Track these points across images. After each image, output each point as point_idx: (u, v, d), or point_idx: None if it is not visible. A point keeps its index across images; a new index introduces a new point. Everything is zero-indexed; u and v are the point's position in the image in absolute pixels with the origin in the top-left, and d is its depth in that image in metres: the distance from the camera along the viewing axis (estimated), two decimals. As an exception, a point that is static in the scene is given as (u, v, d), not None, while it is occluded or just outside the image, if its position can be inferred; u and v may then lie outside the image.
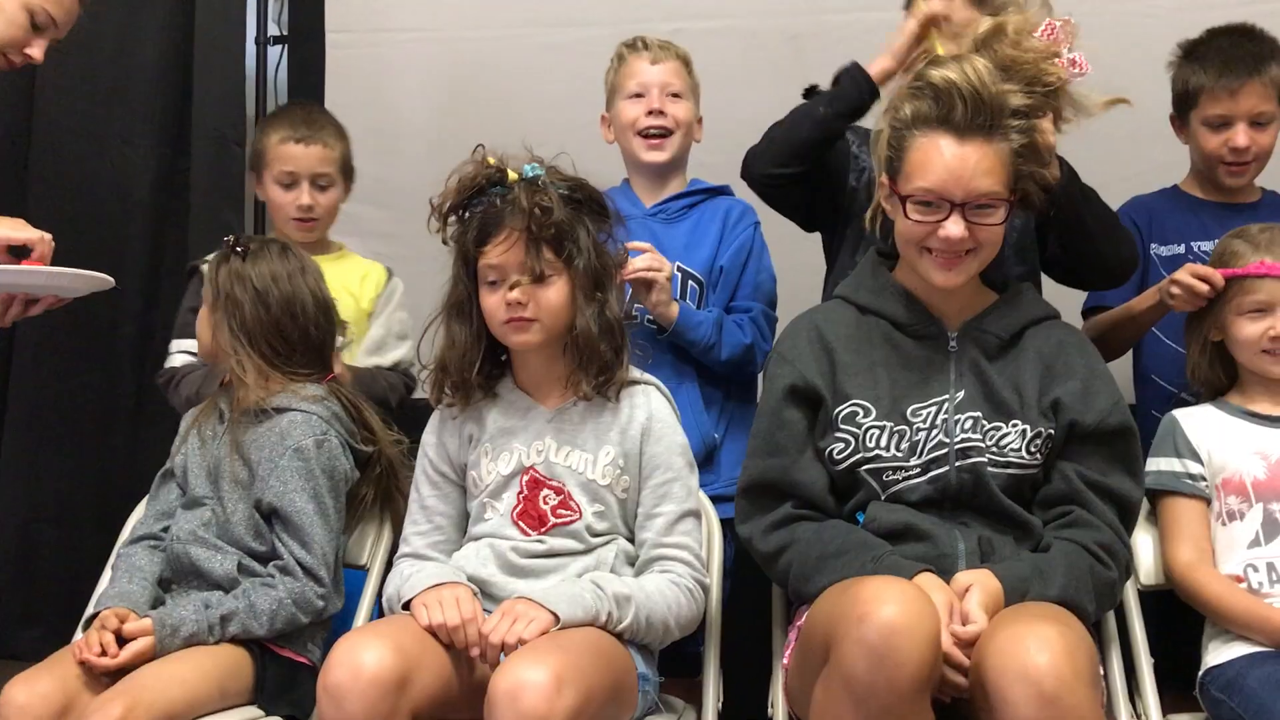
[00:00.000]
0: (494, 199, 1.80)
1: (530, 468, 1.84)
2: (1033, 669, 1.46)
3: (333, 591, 1.93)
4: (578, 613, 1.68)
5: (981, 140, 1.71)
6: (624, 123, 2.32)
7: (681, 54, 2.36)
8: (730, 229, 2.31)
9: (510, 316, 1.79)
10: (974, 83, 1.69)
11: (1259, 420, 1.94)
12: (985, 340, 1.81)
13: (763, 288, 2.33)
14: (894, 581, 1.53)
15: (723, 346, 2.21)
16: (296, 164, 2.41)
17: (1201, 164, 2.32)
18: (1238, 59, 2.23)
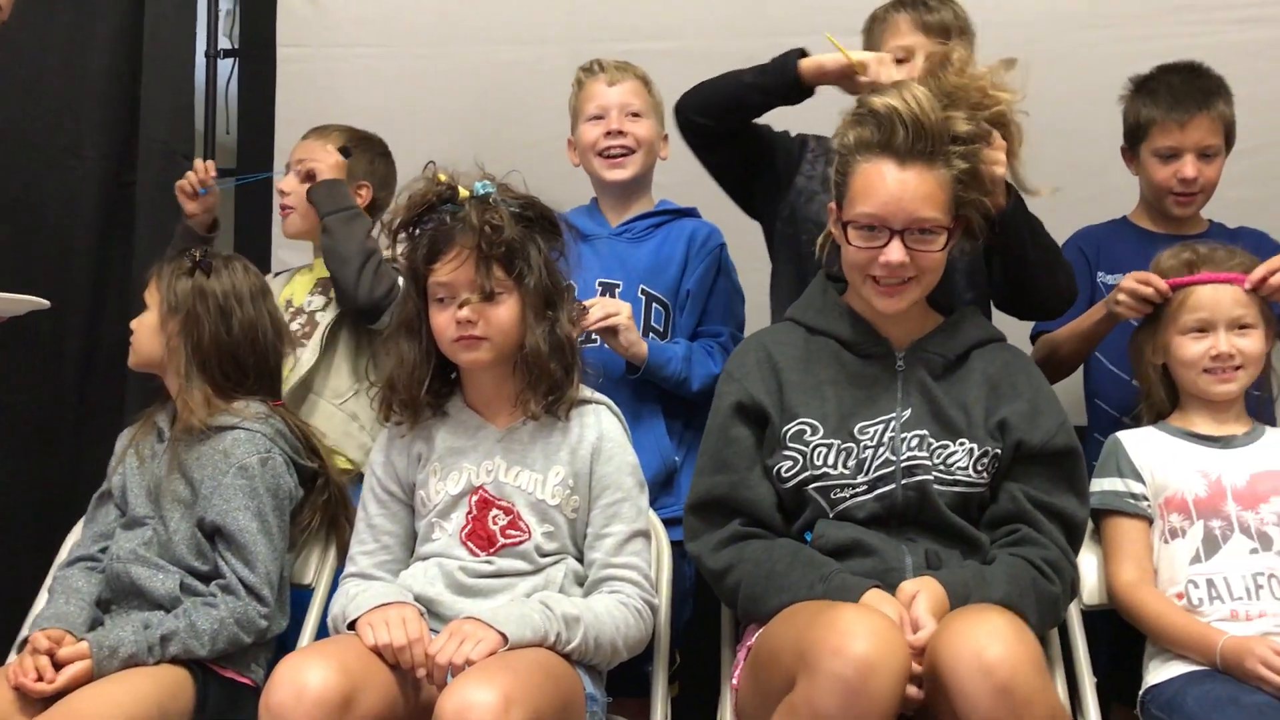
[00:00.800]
0: (444, 216, 1.79)
1: (479, 487, 1.83)
2: (986, 659, 1.47)
3: (276, 611, 1.90)
4: (526, 633, 1.67)
5: (923, 166, 1.72)
6: (585, 145, 2.33)
7: (640, 74, 2.38)
8: (696, 251, 2.32)
9: (460, 335, 1.78)
10: (915, 109, 1.71)
11: (1199, 440, 1.97)
12: (931, 360, 1.82)
13: (731, 309, 2.34)
14: (865, 614, 1.54)
15: (694, 379, 2.22)
16: (294, 153, 2.47)
17: (1150, 195, 2.37)
18: (1187, 94, 2.29)
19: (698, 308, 2.31)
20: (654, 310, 2.27)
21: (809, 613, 1.59)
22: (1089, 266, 2.34)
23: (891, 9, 2.15)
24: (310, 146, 2.44)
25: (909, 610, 1.63)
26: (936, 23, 2.09)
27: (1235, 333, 1.95)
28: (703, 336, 2.30)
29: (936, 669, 1.53)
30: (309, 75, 3.10)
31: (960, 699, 1.48)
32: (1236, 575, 1.85)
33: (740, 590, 1.76)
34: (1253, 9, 2.84)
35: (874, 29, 2.17)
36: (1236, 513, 1.89)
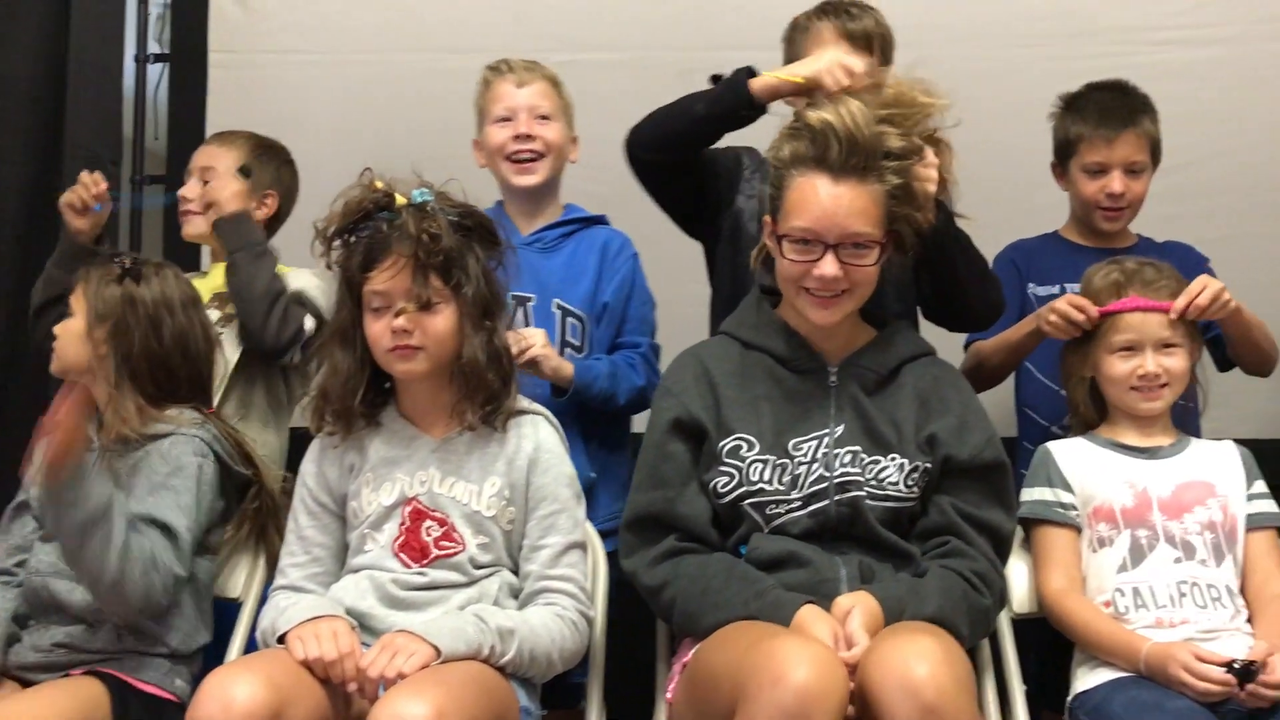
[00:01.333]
0: (381, 224, 1.77)
1: (413, 498, 1.81)
2: (912, 680, 1.49)
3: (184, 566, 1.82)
4: (460, 646, 1.65)
5: (856, 181, 1.74)
6: (492, 147, 2.29)
7: (549, 74, 2.34)
8: (610, 262, 2.30)
9: (395, 344, 1.76)
10: (849, 125, 1.72)
11: (1127, 451, 2.01)
12: (864, 376, 1.84)
13: (646, 319, 2.33)
14: (805, 642, 1.54)
15: (620, 394, 2.21)
16: (192, 161, 2.43)
17: (1080, 210, 2.42)
18: (1114, 111, 2.35)
19: (615, 320, 2.29)
20: (569, 325, 2.25)
21: (749, 639, 1.59)
22: (1020, 278, 2.38)
23: (814, 17, 2.16)
24: (213, 153, 2.41)
25: (843, 626, 1.64)
26: (859, 31, 2.10)
27: (1161, 352, 1.99)
28: (622, 348, 2.29)
29: (865, 688, 1.54)
30: (242, 81, 3.06)
31: (885, 718, 1.49)
32: (1161, 584, 1.89)
33: (676, 606, 1.76)
34: (1175, 31, 2.93)
35: (795, 37, 2.18)
36: (1162, 523, 1.93)
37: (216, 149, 2.42)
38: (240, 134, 2.45)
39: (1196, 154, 2.77)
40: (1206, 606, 1.87)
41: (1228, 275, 2.46)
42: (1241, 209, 2.88)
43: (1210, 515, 1.94)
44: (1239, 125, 2.90)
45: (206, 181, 2.38)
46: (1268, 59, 2.93)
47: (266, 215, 2.42)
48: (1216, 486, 1.96)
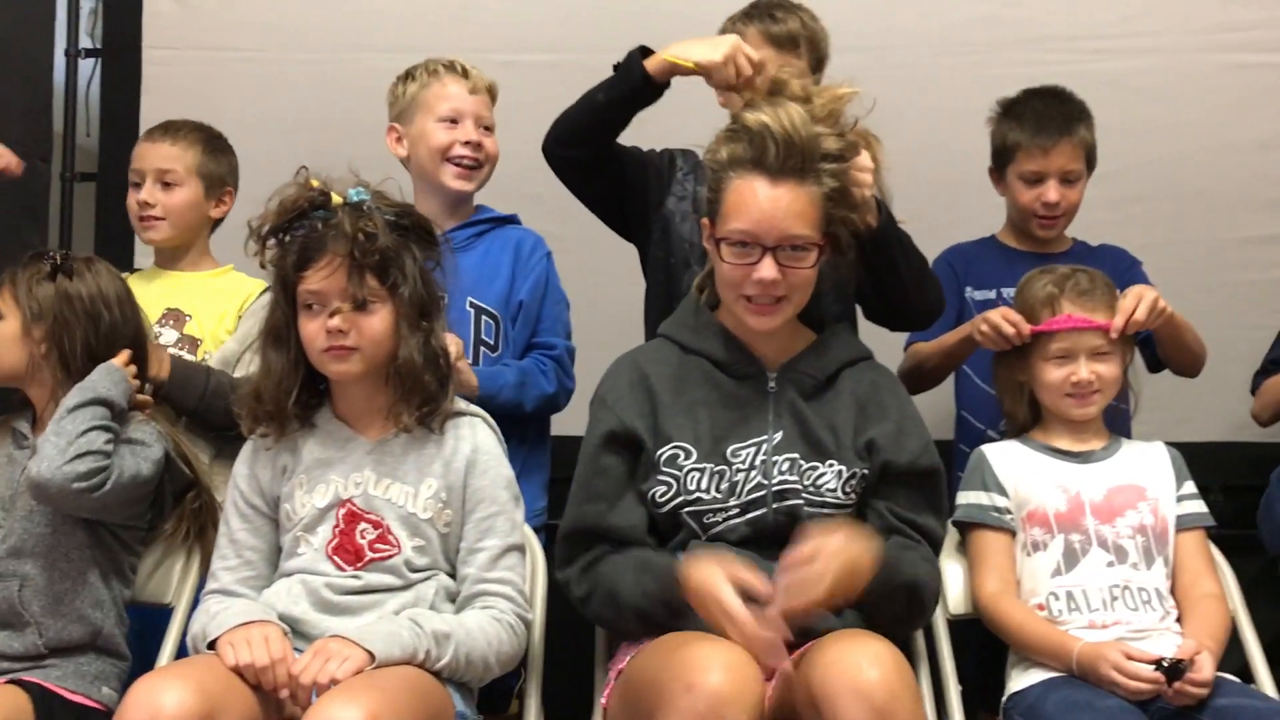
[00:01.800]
0: (316, 223, 1.75)
1: (347, 500, 1.78)
2: (864, 684, 1.49)
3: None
4: (394, 651, 1.63)
5: (794, 183, 1.74)
6: (433, 145, 2.26)
7: (492, 86, 2.34)
8: (524, 261, 2.30)
9: (330, 345, 1.74)
10: (786, 126, 1.72)
11: (1061, 456, 2.03)
12: (802, 381, 1.84)
13: (561, 319, 2.33)
14: (721, 647, 1.55)
15: (526, 402, 2.21)
16: (142, 160, 2.33)
17: (1016, 216, 2.45)
18: (1051, 119, 2.36)
19: (531, 319, 2.29)
20: (484, 323, 2.24)
21: (670, 645, 1.60)
22: (957, 282, 2.40)
23: (739, 21, 2.16)
24: (169, 154, 2.32)
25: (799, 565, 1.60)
26: (784, 34, 2.10)
27: (1095, 360, 2.01)
28: (537, 348, 2.29)
29: (813, 693, 1.54)
30: (177, 78, 3.02)
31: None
32: (1094, 587, 1.91)
33: (600, 616, 1.78)
34: (1111, 41, 2.98)
35: None
36: (1094, 527, 1.95)
37: (171, 149, 2.32)
38: (186, 128, 2.36)
39: (1130, 161, 2.82)
40: (1138, 609, 1.90)
41: (1160, 280, 2.51)
42: (1174, 215, 2.94)
43: (1141, 518, 1.96)
44: (1172, 133, 2.96)
45: (167, 184, 2.30)
46: (1200, 69, 2.99)
47: (224, 212, 2.37)
48: (1147, 489, 1.99)
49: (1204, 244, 2.94)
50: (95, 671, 1.82)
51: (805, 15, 2.14)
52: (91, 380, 1.86)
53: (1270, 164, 2.96)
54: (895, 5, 2.96)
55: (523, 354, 2.29)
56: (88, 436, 1.79)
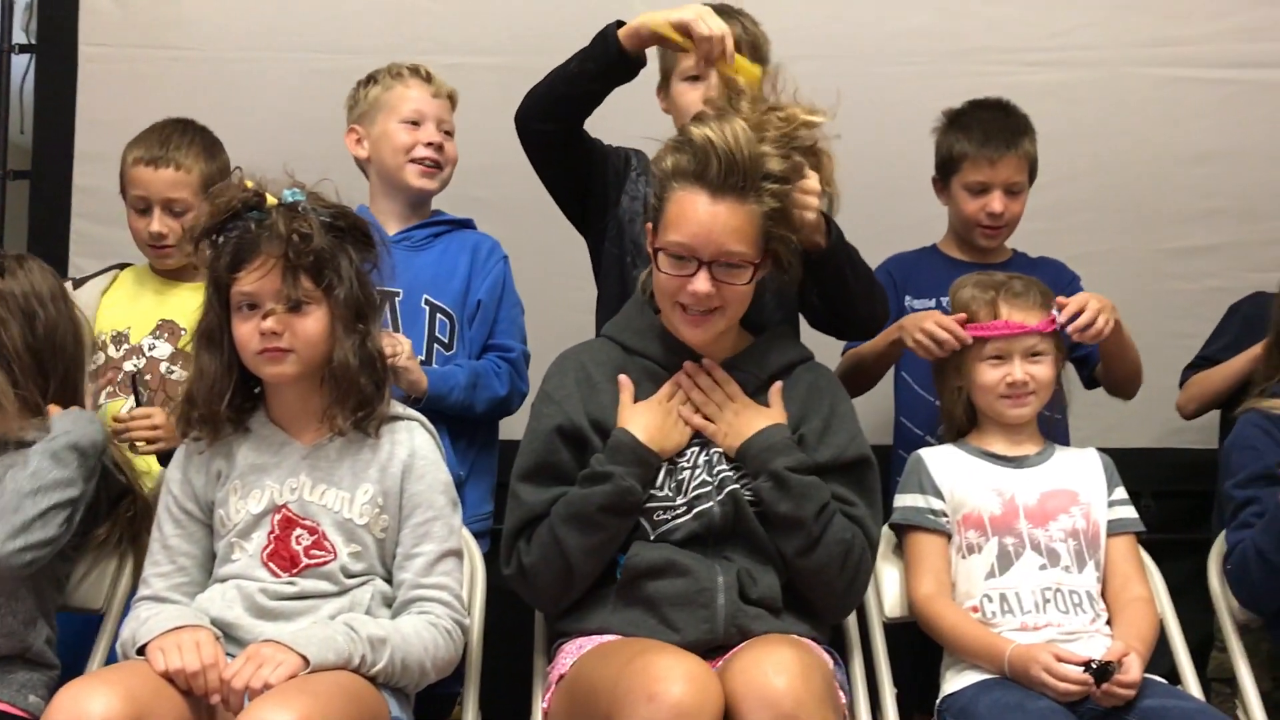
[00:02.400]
0: (249, 224, 1.73)
1: (283, 506, 1.77)
2: (770, 691, 1.51)
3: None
4: (329, 656, 1.62)
5: (734, 201, 1.74)
6: (396, 145, 2.28)
7: (454, 94, 2.37)
8: (482, 262, 2.31)
9: (264, 347, 1.72)
10: (730, 143, 1.72)
11: (996, 460, 2.05)
12: (744, 380, 1.85)
13: (517, 322, 2.34)
14: (681, 658, 1.55)
15: (477, 404, 2.21)
16: (147, 188, 2.27)
17: (959, 226, 2.48)
18: (997, 132, 2.41)
19: (488, 320, 2.30)
20: (439, 321, 2.24)
21: (626, 654, 1.60)
22: (896, 290, 2.43)
23: None
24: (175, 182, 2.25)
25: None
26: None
27: (1029, 361, 2.04)
28: (494, 350, 2.29)
29: (727, 700, 1.55)
30: (113, 75, 2.97)
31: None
32: (1027, 590, 1.94)
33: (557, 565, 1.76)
34: (1048, 53, 3.03)
35: (667, 51, 2.17)
36: (1028, 530, 1.98)
37: (175, 175, 2.26)
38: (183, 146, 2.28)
39: (1067, 172, 2.86)
40: (1069, 612, 1.92)
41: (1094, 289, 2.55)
42: (1109, 225, 2.99)
43: (1073, 523, 1.99)
44: (1108, 145, 3.01)
45: (177, 212, 2.26)
46: (1136, 82, 3.05)
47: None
48: (1079, 494, 2.02)
49: (1138, 254, 3.00)
50: (22, 680, 1.79)
51: (746, 20, 2.14)
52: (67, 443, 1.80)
53: (1203, 177, 3.02)
54: (838, 15, 2.98)
55: (479, 355, 2.29)
56: (45, 519, 1.76)
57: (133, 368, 2.24)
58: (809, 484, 1.77)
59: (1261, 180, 2.83)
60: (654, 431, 1.78)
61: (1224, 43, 3.04)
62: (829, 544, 1.76)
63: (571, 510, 1.76)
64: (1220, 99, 3.03)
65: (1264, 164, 2.83)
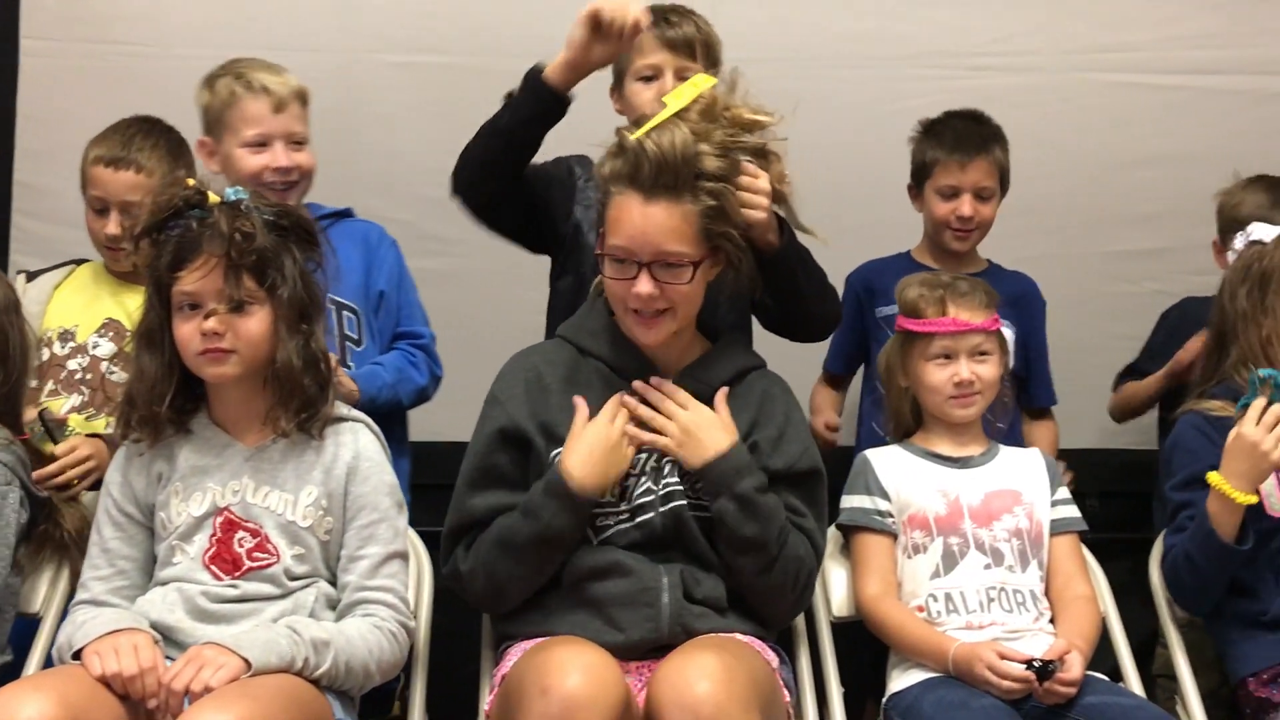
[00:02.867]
0: (191, 222, 1.71)
1: (225, 508, 1.75)
2: (691, 697, 1.51)
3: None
4: (271, 659, 1.60)
5: (669, 201, 1.74)
6: (243, 172, 2.15)
7: (300, 91, 2.22)
8: (375, 251, 2.28)
9: (206, 347, 1.70)
10: (661, 145, 1.72)
11: (941, 461, 2.07)
12: (698, 388, 1.85)
13: (419, 305, 2.32)
14: (580, 649, 1.56)
15: (403, 398, 2.21)
16: (105, 189, 2.20)
17: (932, 230, 2.54)
18: (969, 138, 2.50)
19: (393, 308, 2.27)
20: (345, 318, 2.21)
21: (534, 649, 1.61)
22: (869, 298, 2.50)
23: None
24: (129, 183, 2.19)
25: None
26: (680, 38, 2.10)
27: (975, 360, 2.06)
28: (404, 338, 2.27)
29: (651, 705, 1.56)
30: (57, 71, 2.91)
31: None
32: (972, 589, 1.95)
33: (493, 576, 1.76)
34: (994, 58, 3.06)
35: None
36: (972, 530, 2.00)
37: (135, 178, 2.19)
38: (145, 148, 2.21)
39: (1013, 176, 2.89)
40: (1013, 610, 1.94)
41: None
42: (1053, 228, 3.02)
43: (1017, 523, 2.01)
44: (1053, 149, 3.05)
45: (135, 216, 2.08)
46: (1080, 87, 3.09)
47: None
48: (1023, 494, 2.04)
49: (1081, 257, 3.04)
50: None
51: (699, 20, 2.15)
52: None
53: (1144, 181, 3.07)
54: (787, 18, 2.99)
55: (389, 344, 2.27)
56: None
57: (77, 366, 2.20)
58: (772, 505, 1.77)
59: (1202, 185, 2.87)
60: (595, 464, 1.74)
61: (1166, 50, 3.10)
62: (786, 561, 1.78)
63: (503, 538, 1.76)
64: (1162, 105, 3.09)
65: (1204, 169, 2.87)
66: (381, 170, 2.86)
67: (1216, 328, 2.17)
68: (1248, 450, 1.92)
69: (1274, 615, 1.97)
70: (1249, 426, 1.93)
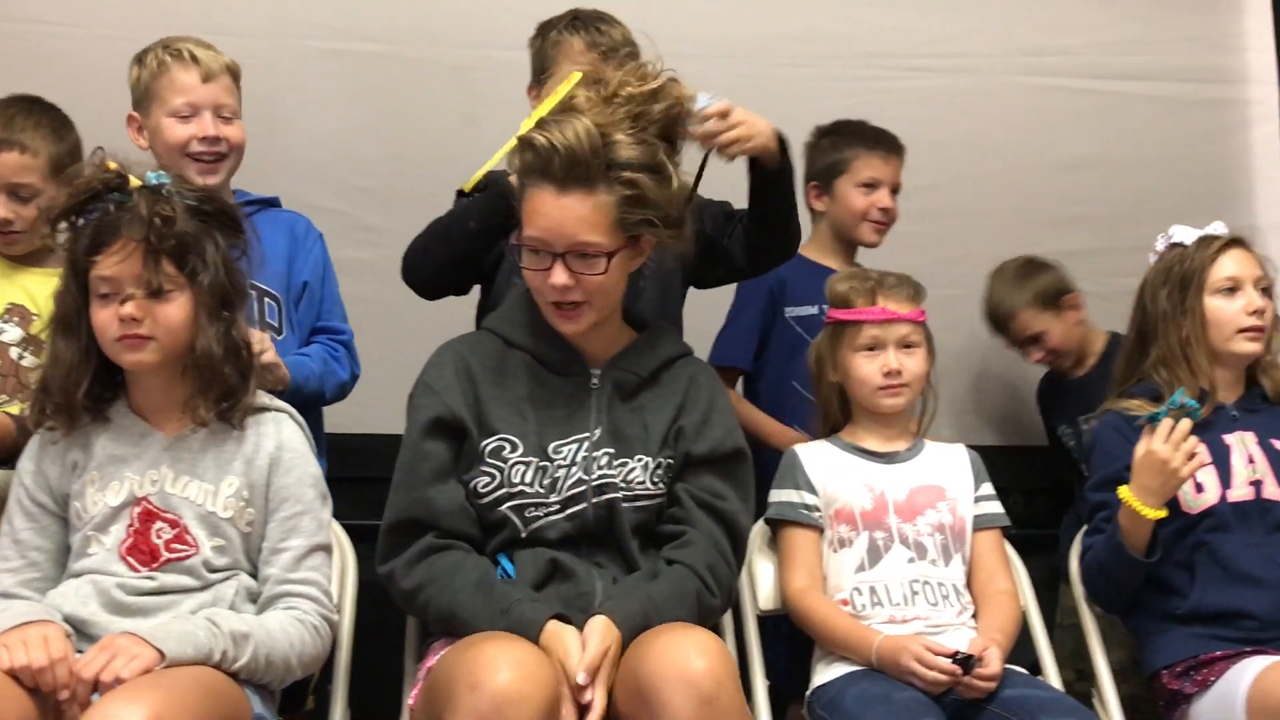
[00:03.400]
0: (110, 205, 1.67)
1: (143, 498, 1.71)
2: (691, 672, 1.52)
3: None
4: (188, 650, 1.57)
5: (582, 193, 1.74)
6: (169, 142, 2.13)
7: (231, 65, 2.20)
8: (301, 243, 2.25)
9: (123, 333, 1.67)
10: (568, 139, 1.72)
11: (868, 456, 2.09)
12: (625, 378, 1.86)
13: (340, 301, 2.30)
14: (510, 645, 1.55)
15: (327, 390, 2.18)
16: None
17: (847, 223, 2.58)
18: (887, 136, 2.59)
19: (315, 301, 2.25)
20: (267, 305, 2.18)
21: (464, 644, 1.59)
22: (776, 301, 2.53)
23: (566, 30, 2.16)
24: (14, 164, 2.11)
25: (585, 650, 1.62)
26: (608, 45, 2.12)
27: (902, 351, 2.08)
28: (325, 332, 2.25)
29: (640, 683, 1.55)
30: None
31: (663, 710, 1.51)
32: (896, 582, 1.97)
33: (429, 612, 1.75)
34: (926, 59, 3.10)
35: (545, 49, 2.18)
36: (897, 525, 2.02)
37: (20, 159, 2.11)
38: (29, 126, 2.14)
39: (941, 176, 2.94)
40: (937, 604, 1.97)
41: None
42: (980, 229, 3.07)
43: (940, 518, 2.03)
44: (984, 150, 3.10)
45: (24, 198, 2.11)
46: (1008, 90, 3.14)
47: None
48: (947, 490, 2.07)
49: (1006, 258, 3.08)
50: None
51: (624, 28, 2.17)
52: None
53: (1070, 183, 3.13)
54: (724, 15, 3.01)
55: (308, 338, 2.24)
56: None
57: None
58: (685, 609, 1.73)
59: (1126, 188, 2.94)
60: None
61: (1093, 55, 3.16)
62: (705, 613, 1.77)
63: (456, 611, 1.71)
64: (1089, 108, 3.15)
65: (1129, 172, 2.94)
66: (310, 159, 2.82)
67: (1137, 328, 2.21)
68: (1157, 467, 1.97)
69: (1187, 610, 2.02)
70: (1158, 443, 1.97)
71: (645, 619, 1.68)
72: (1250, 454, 2.09)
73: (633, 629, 1.66)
